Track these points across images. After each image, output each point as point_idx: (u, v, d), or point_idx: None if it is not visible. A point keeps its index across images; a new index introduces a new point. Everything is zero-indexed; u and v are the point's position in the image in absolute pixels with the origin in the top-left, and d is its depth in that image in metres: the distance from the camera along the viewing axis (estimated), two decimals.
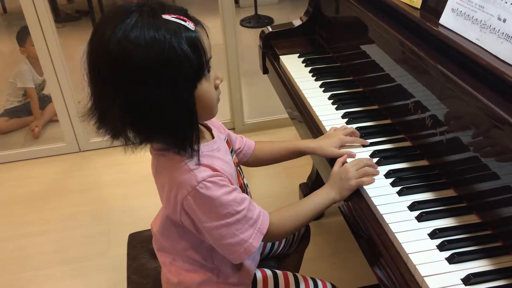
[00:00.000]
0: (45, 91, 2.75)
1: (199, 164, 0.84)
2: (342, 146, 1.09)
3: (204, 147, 0.87)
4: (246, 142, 1.13)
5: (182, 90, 0.78)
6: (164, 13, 0.77)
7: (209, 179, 0.83)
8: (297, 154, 1.13)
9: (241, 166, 1.11)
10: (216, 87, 0.86)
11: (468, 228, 0.86)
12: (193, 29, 0.78)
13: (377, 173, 1.00)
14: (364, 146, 1.10)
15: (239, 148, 1.11)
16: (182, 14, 0.79)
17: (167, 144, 0.85)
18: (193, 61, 0.77)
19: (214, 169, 0.85)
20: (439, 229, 0.86)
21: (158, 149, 0.88)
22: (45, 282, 1.72)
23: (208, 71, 0.82)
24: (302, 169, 2.03)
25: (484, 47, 0.89)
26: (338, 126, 1.17)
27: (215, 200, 0.83)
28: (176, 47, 0.75)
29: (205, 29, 0.83)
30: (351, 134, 1.11)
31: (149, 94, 0.76)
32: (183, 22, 0.77)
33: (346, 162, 1.03)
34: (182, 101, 0.79)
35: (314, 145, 1.10)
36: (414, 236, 0.85)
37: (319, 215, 1.85)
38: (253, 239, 0.87)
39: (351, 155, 1.06)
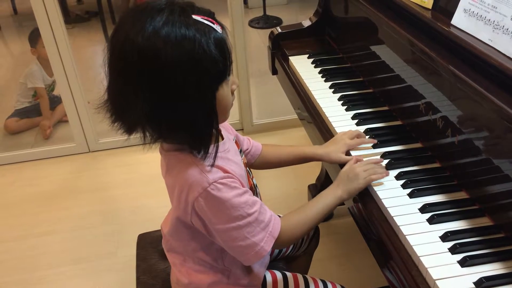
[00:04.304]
0: (55, 92, 2.77)
1: (212, 165, 0.84)
2: (349, 150, 1.09)
3: (214, 148, 0.87)
4: (253, 144, 1.13)
5: (207, 90, 0.79)
6: (194, 14, 0.78)
7: (220, 180, 0.83)
8: (304, 160, 1.13)
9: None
10: (232, 92, 0.87)
11: (481, 231, 0.85)
12: (221, 32, 0.79)
13: (386, 172, 1.00)
14: (374, 147, 1.10)
15: (247, 149, 1.11)
16: (211, 16, 0.80)
17: (183, 144, 0.85)
18: (219, 62, 0.78)
19: (225, 171, 0.85)
20: (451, 231, 0.85)
21: (168, 149, 0.88)
22: (55, 281, 1.73)
23: (229, 75, 0.83)
24: (310, 170, 2.02)
25: (497, 48, 0.88)
26: (348, 127, 1.16)
27: (226, 202, 0.83)
28: (205, 47, 0.75)
29: (227, 35, 0.83)
30: (357, 136, 1.11)
31: (174, 92, 0.76)
32: (211, 24, 0.78)
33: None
34: (205, 102, 0.79)
35: (321, 152, 1.10)
36: (425, 239, 0.85)
37: (328, 216, 1.86)
38: (264, 242, 0.87)
39: (359, 160, 1.05)
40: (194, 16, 0.77)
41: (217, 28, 0.79)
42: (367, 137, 1.13)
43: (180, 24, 0.75)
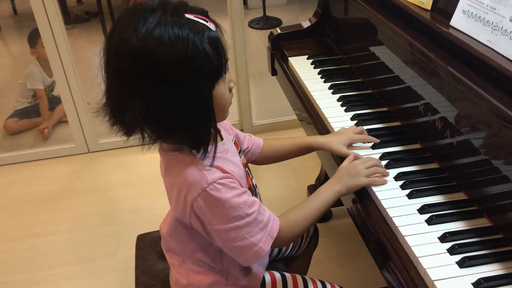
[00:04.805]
0: (54, 92, 2.77)
1: (211, 165, 0.84)
2: (351, 144, 1.09)
3: (212, 148, 0.87)
4: (255, 141, 1.13)
5: (202, 89, 0.79)
6: (187, 13, 0.78)
7: (219, 181, 0.83)
8: (305, 149, 1.13)
9: (249, 167, 1.11)
10: (230, 90, 0.87)
11: (479, 232, 0.85)
12: (215, 30, 0.79)
13: (386, 173, 1.00)
14: (373, 147, 1.10)
15: (248, 148, 1.11)
16: (204, 15, 0.81)
17: (182, 143, 0.85)
18: (214, 60, 0.78)
19: (224, 171, 0.85)
20: (449, 232, 0.85)
21: (167, 149, 0.88)
22: (55, 282, 1.73)
23: (225, 73, 0.83)
24: (310, 170, 2.02)
25: (495, 49, 0.88)
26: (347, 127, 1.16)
27: (225, 202, 0.83)
28: (199, 45, 0.76)
29: (222, 33, 0.83)
30: (360, 133, 1.11)
31: (169, 92, 0.77)
32: (205, 23, 0.78)
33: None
34: (202, 100, 0.79)
35: (323, 140, 1.10)
36: (424, 240, 0.85)
37: (327, 217, 1.86)
38: (263, 243, 0.87)
39: (358, 157, 1.05)
40: (187, 15, 0.78)
41: (211, 26, 0.79)
42: None
43: (173, 24, 0.75)
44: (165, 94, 0.77)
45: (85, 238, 1.91)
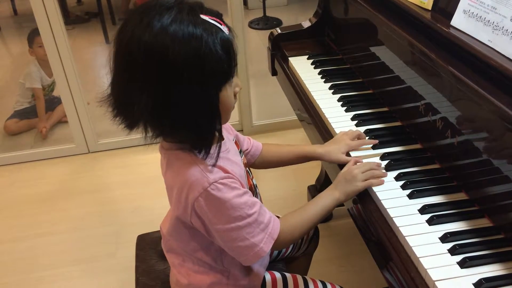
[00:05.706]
0: (54, 93, 2.77)
1: (214, 165, 0.84)
2: (350, 150, 1.09)
3: (216, 149, 0.87)
4: (254, 144, 1.13)
5: (210, 90, 0.79)
6: (202, 14, 0.78)
7: (220, 180, 0.83)
8: (304, 159, 1.13)
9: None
10: (235, 95, 0.87)
11: (480, 232, 0.85)
12: (228, 33, 0.79)
13: (384, 175, 1.00)
14: (373, 148, 1.10)
15: (247, 150, 1.11)
16: (218, 17, 0.81)
17: (184, 142, 0.85)
18: (224, 63, 0.78)
19: (225, 171, 0.85)
20: (450, 232, 0.85)
21: (169, 148, 0.88)
22: (54, 282, 1.73)
23: (233, 77, 0.83)
24: (310, 171, 2.02)
25: (496, 49, 0.88)
26: (348, 128, 1.16)
27: (227, 202, 0.83)
28: (212, 46, 0.76)
29: (234, 37, 0.83)
30: (358, 137, 1.11)
31: (178, 89, 0.77)
32: (219, 25, 0.79)
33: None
34: (209, 101, 0.79)
35: (322, 150, 1.10)
36: (425, 240, 0.85)
37: (327, 217, 1.86)
38: (263, 243, 0.87)
39: (358, 161, 1.05)
40: (202, 16, 0.78)
41: (224, 29, 0.80)
42: (367, 137, 1.13)
43: (188, 23, 0.75)
44: (173, 91, 0.77)
45: (85, 239, 1.91)
